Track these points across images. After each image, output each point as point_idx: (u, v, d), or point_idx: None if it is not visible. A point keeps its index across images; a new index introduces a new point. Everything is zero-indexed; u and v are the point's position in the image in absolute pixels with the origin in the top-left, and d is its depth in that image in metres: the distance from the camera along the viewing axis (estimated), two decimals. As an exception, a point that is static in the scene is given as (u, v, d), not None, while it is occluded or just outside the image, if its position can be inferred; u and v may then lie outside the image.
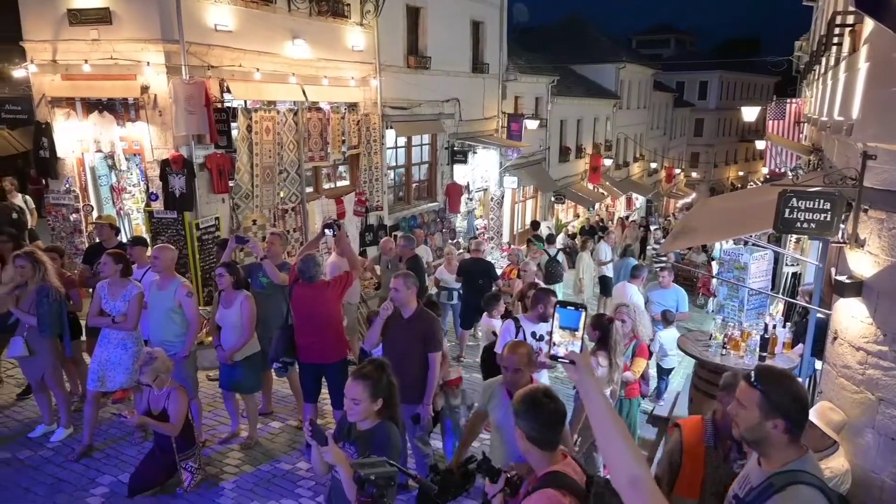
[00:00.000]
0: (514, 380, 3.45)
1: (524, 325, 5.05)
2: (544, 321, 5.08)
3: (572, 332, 1.59)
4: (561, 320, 1.60)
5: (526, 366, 3.48)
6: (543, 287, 6.24)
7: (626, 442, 1.60)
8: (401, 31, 12.46)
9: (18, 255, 4.99)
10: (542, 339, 5.04)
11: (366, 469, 2.32)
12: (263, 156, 8.87)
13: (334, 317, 5.06)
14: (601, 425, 1.60)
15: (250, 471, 5.04)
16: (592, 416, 1.62)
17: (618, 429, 1.60)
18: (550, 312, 5.07)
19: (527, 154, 17.90)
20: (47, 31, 7.98)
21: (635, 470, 1.58)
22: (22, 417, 5.76)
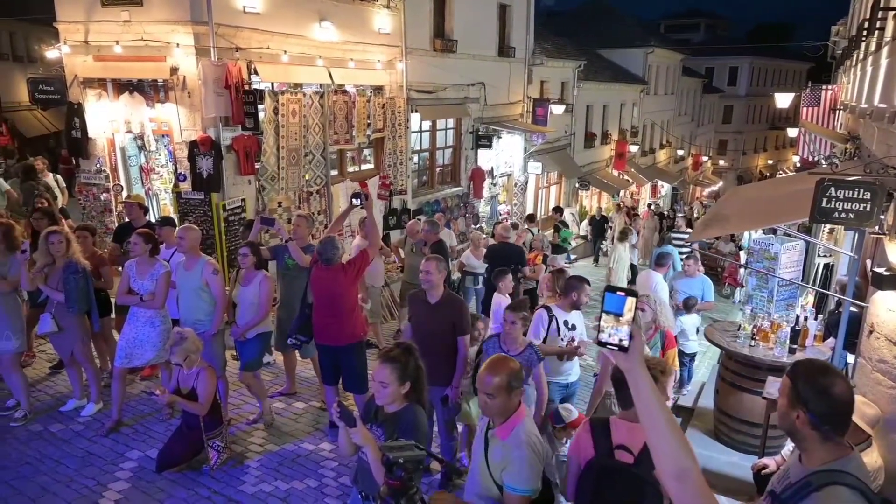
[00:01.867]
0: (486, 406, 2.71)
1: (556, 313, 5.00)
2: (576, 309, 5.03)
3: (617, 318, 1.55)
4: (606, 304, 1.56)
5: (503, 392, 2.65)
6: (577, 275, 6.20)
7: (675, 433, 1.57)
8: (427, 14, 12.35)
9: (49, 232, 5.08)
10: (574, 329, 5.01)
11: (394, 452, 2.33)
12: (289, 138, 8.89)
13: (349, 300, 5.00)
14: (650, 415, 1.57)
15: (274, 450, 5.11)
16: (641, 405, 1.59)
17: (667, 419, 1.57)
18: (584, 301, 5.02)
19: (552, 139, 17.72)
20: (80, 13, 8.06)
21: (684, 462, 1.55)
22: (54, 392, 5.91)
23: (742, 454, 5.36)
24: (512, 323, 4.27)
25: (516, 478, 2.57)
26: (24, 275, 4.94)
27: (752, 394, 5.23)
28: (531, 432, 2.68)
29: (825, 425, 1.87)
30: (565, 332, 4.96)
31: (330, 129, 9.75)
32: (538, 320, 4.95)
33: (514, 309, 4.36)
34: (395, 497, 2.37)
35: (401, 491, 2.35)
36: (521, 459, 2.57)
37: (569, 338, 4.97)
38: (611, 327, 1.56)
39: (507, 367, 2.71)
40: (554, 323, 4.94)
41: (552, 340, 4.90)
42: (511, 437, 2.64)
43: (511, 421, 2.68)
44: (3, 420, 5.26)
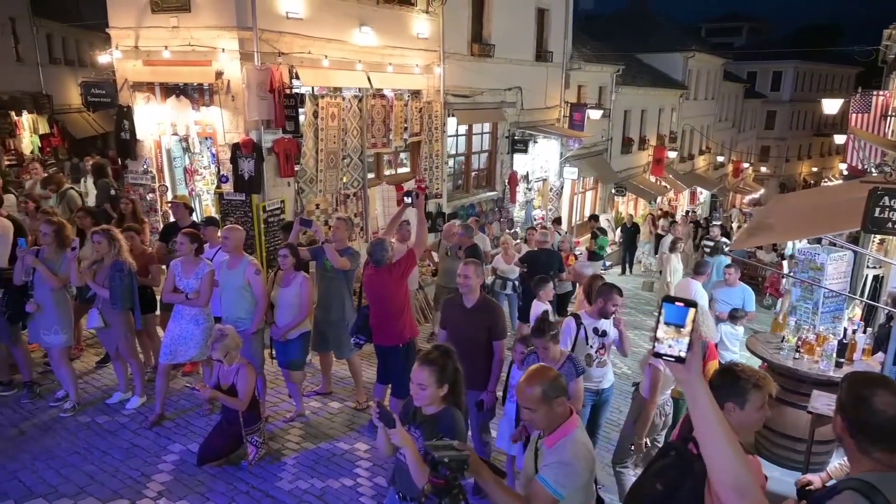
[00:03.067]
0: (531, 420, 2.69)
1: (585, 321, 4.96)
2: (605, 317, 4.98)
3: (678, 329, 1.54)
4: (666, 316, 1.55)
5: (542, 403, 2.60)
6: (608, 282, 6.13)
7: (734, 447, 1.55)
8: (465, 19, 12.39)
9: (96, 231, 5.26)
10: (604, 335, 4.96)
11: (439, 451, 2.34)
12: (328, 141, 9.03)
13: (395, 301, 5.06)
14: (708, 428, 1.55)
15: (311, 448, 5.18)
16: (698, 417, 1.57)
17: (726, 433, 1.55)
18: (612, 309, 4.96)
19: (588, 144, 17.56)
20: (131, 19, 8.34)
21: (743, 478, 1.53)
22: (100, 384, 6.10)
23: (784, 469, 5.22)
24: (545, 349, 4.17)
25: (551, 473, 2.52)
26: (74, 271, 5.13)
27: (795, 408, 5.09)
28: (581, 442, 2.62)
29: (860, 434, 1.82)
30: (594, 339, 4.92)
31: (368, 132, 9.86)
32: (566, 329, 4.92)
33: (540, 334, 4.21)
34: (439, 496, 2.38)
35: (444, 490, 2.37)
36: (563, 464, 2.53)
37: (598, 345, 4.93)
38: (669, 338, 1.55)
39: (543, 377, 2.65)
40: (582, 331, 4.91)
41: (580, 348, 4.87)
42: (559, 445, 2.59)
43: (560, 430, 2.63)
44: (53, 410, 5.46)
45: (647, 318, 11.49)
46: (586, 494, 2.66)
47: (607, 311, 4.93)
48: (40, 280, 5.03)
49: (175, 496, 4.37)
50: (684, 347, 1.54)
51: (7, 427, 5.14)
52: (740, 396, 2.38)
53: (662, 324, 1.56)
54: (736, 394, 2.39)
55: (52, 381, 5.89)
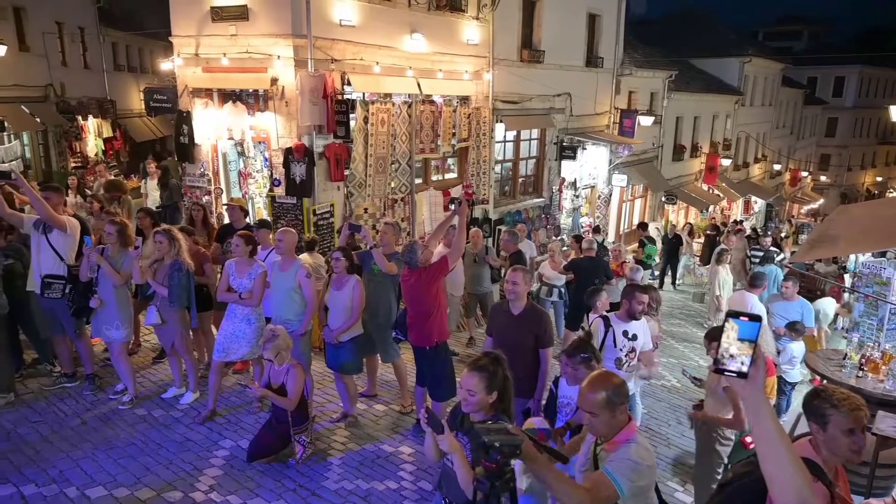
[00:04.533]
0: (591, 424, 2.66)
1: (614, 323, 4.88)
2: (633, 318, 4.87)
3: (750, 345, 1.51)
4: (740, 332, 1.51)
5: (605, 409, 2.58)
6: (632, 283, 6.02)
7: (797, 466, 1.50)
8: (515, 25, 12.38)
9: (158, 231, 5.47)
10: (634, 339, 4.85)
11: (491, 435, 2.33)
12: (377, 146, 9.15)
13: (423, 303, 5.12)
14: (769, 445, 1.51)
15: (356, 449, 5.24)
16: (760, 434, 1.53)
17: (789, 450, 1.50)
18: (637, 308, 4.84)
19: (638, 151, 17.27)
20: (192, 28, 8.67)
21: (808, 498, 1.48)
22: (156, 379, 6.32)
23: (845, 493, 4.97)
24: (574, 369, 3.98)
25: (615, 466, 2.50)
26: (136, 269, 5.34)
27: (858, 428, 4.84)
28: (644, 446, 2.60)
29: None
30: (623, 342, 4.83)
31: (416, 138, 9.96)
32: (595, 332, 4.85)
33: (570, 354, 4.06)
34: (490, 480, 2.37)
35: (496, 474, 2.36)
36: (628, 460, 2.51)
37: (627, 348, 4.83)
38: (732, 354, 1.51)
39: (608, 383, 2.61)
40: (611, 333, 4.82)
41: (608, 351, 4.79)
42: (622, 449, 2.57)
43: (621, 435, 2.61)
44: (112, 403, 5.68)
45: (698, 330, 11.18)
46: (647, 500, 2.63)
47: (633, 310, 4.83)
48: (104, 277, 5.26)
49: (225, 490, 4.48)
50: (747, 362, 1.50)
51: (71, 417, 5.38)
52: (820, 417, 2.35)
53: (736, 339, 1.52)
54: (815, 413, 2.37)
55: (111, 375, 6.13)
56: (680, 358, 9.49)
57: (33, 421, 5.26)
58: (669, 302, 13.37)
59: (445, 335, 5.33)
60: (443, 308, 5.27)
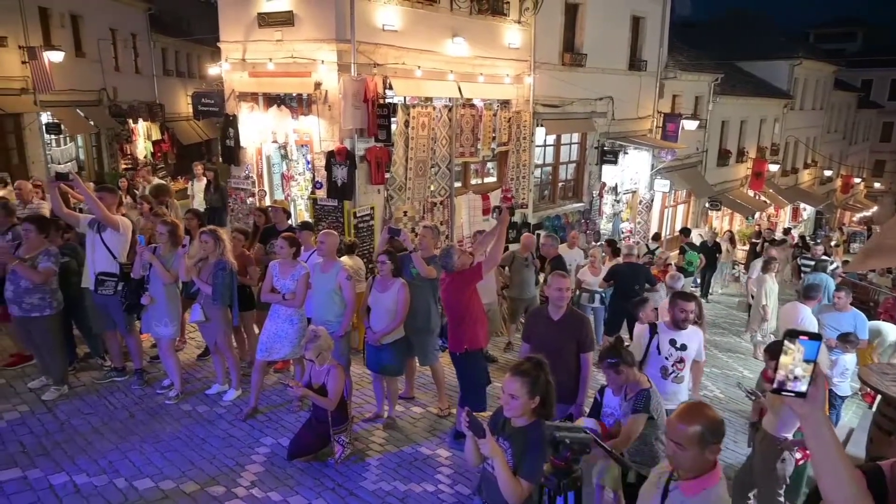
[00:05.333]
0: (675, 456, 2.39)
1: (661, 331, 4.78)
2: (679, 327, 4.76)
3: (811, 364, 1.47)
4: (806, 353, 1.47)
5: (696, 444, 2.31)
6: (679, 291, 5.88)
7: (856, 486, 1.45)
8: (557, 28, 12.30)
9: (204, 231, 5.62)
10: (683, 349, 4.74)
11: (562, 432, 2.33)
12: (418, 150, 9.21)
13: (455, 308, 5.15)
14: (828, 465, 1.47)
15: (393, 451, 5.26)
16: (819, 454, 1.49)
17: (847, 470, 1.46)
18: (681, 316, 4.72)
19: (682, 156, 16.92)
20: (240, 33, 8.90)
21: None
22: (201, 376, 6.48)
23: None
24: (605, 374, 3.93)
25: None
26: (183, 267, 5.49)
27: (915, 446, 4.64)
28: (724, 499, 2.37)
29: None
30: (670, 350, 4.72)
31: (456, 141, 9.98)
32: (638, 337, 4.76)
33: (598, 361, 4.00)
34: (558, 477, 2.39)
35: (564, 471, 2.36)
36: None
37: (675, 358, 4.72)
38: (790, 373, 1.47)
39: (704, 417, 2.33)
40: (656, 340, 4.72)
41: (652, 358, 4.69)
42: (700, 497, 2.34)
43: (702, 480, 2.35)
44: (159, 397, 5.85)
45: (741, 341, 10.88)
46: None
47: (677, 318, 4.72)
48: (155, 275, 5.43)
49: (266, 487, 4.56)
50: (806, 381, 1.45)
51: (120, 410, 5.57)
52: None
53: (801, 361, 1.48)
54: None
55: (158, 370, 6.32)
56: (724, 368, 9.25)
57: (85, 413, 5.46)
58: (712, 310, 13.05)
59: (478, 343, 5.24)
60: (476, 316, 5.21)
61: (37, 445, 4.88)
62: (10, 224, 5.97)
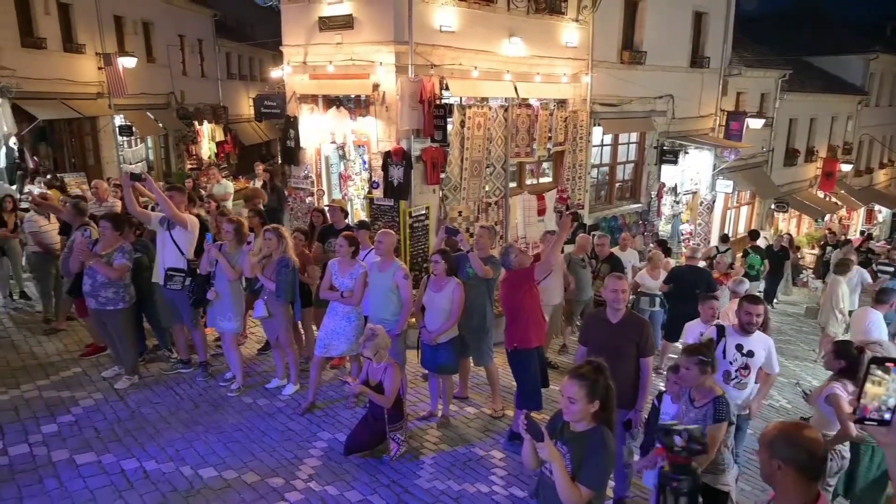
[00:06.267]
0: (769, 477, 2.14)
1: (728, 334, 4.62)
2: (746, 332, 4.57)
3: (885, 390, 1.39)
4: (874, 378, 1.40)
5: None
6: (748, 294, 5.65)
7: None
8: (616, 26, 12.07)
9: (268, 229, 5.78)
10: (750, 356, 4.56)
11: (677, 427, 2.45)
12: (473, 150, 9.21)
13: (509, 306, 5.22)
14: None
15: (447, 451, 5.28)
16: None
17: None
18: (746, 319, 4.54)
19: (746, 156, 16.29)
20: (301, 37, 9.12)
21: None
22: (261, 370, 6.67)
23: None
24: (686, 369, 3.78)
25: None
26: (247, 264, 5.67)
27: None
28: None
29: None
30: (735, 355, 4.56)
31: (512, 141, 9.93)
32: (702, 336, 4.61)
33: (689, 353, 3.87)
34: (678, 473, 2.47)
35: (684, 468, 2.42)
36: None
37: (740, 364, 4.54)
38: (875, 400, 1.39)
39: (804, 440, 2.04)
40: (722, 344, 4.57)
41: (717, 363, 4.51)
42: None
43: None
44: (222, 390, 6.06)
45: (808, 348, 10.40)
46: None
47: (743, 322, 4.55)
48: (221, 271, 5.63)
49: (324, 481, 4.65)
50: (891, 409, 1.37)
51: (186, 400, 5.80)
52: None
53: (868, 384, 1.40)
54: None
55: (221, 363, 6.54)
56: (790, 377, 8.86)
57: (154, 402, 5.71)
58: (776, 318, 12.50)
59: (528, 343, 5.20)
60: (529, 316, 5.18)
61: (110, 432, 5.14)
62: (81, 223, 6.32)
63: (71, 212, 6.53)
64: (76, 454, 4.76)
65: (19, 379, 6.00)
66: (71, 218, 6.48)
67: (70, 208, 6.61)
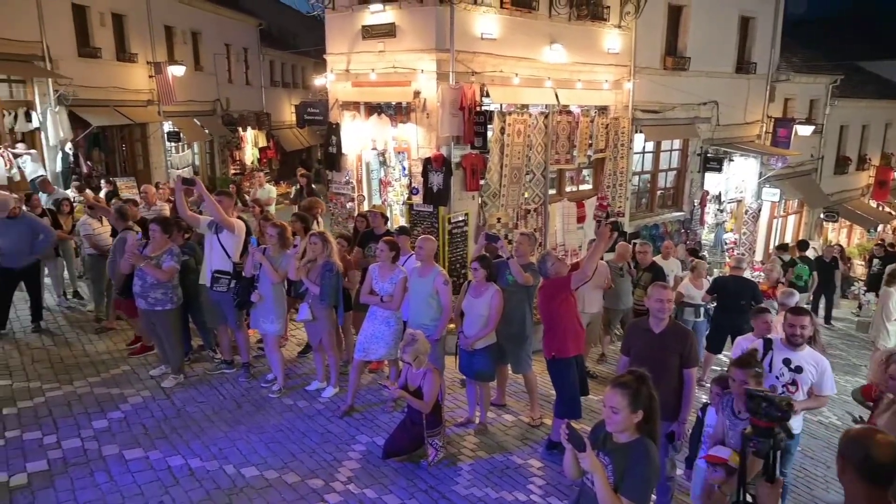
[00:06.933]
0: None
1: (776, 348, 4.48)
2: (794, 345, 4.43)
3: None
4: None
5: None
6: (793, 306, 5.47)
7: None
8: (659, 32, 11.90)
9: (314, 234, 5.89)
10: (798, 371, 4.41)
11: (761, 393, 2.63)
12: (513, 157, 9.19)
13: (546, 313, 5.22)
14: None
15: (485, 458, 5.26)
16: None
17: None
18: (793, 331, 4.41)
19: (794, 164, 15.83)
20: (344, 46, 9.28)
21: None
22: (301, 372, 6.77)
23: None
24: (742, 382, 3.71)
25: None
26: (293, 267, 5.78)
27: None
28: None
29: None
30: (782, 370, 4.41)
31: (552, 148, 9.87)
32: None
33: (742, 366, 3.79)
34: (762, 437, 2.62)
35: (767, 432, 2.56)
36: None
37: (787, 379, 4.40)
38: None
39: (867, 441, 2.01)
40: (769, 357, 4.43)
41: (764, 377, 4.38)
42: None
43: None
44: (263, 391, 6.17)
45: (860, 362, 10.01)
46: None
47: (788, 334, 4.41)
48: (265, 274, 5.76)
49: (362, 483, 4.69)
50: None
51: (229, 400, 5.93)
52: None
53: None
54: None
55: (262, 365, 6.68)
56: (841, 393, 8.52)
57: (199, 401, 5.86)
58: (827, 332, 12.07)
59: (565, 353, 5.16)
60: (566, 325, 5.14)
61: (157, 428, 5.30)
62: (124, 226, 6.54)
63: (114, 216, 6.77)
64: (125, 449, 4.92)
65: (72, 375, 6.25)
66: (114, 222, 6.72)
67: (113, 213, 6.86)
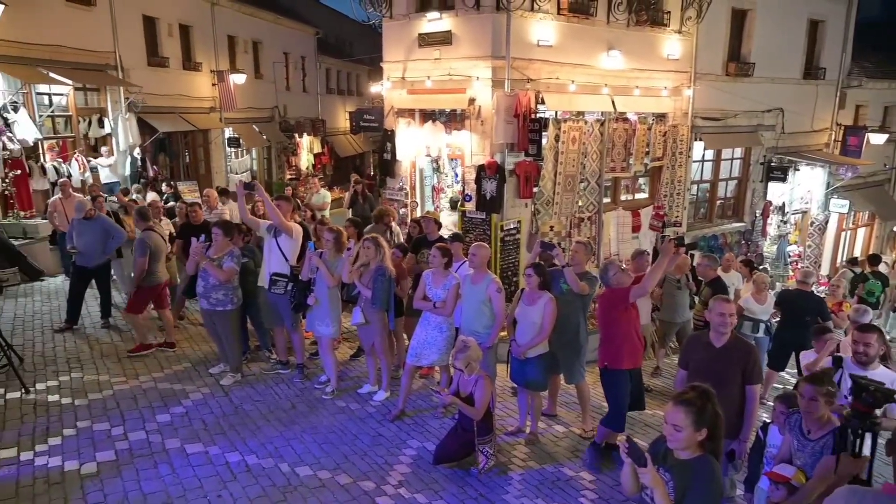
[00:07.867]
0: None
1: (846, 367, 4.27)
2: (861, 364, 4.22)
3: None
4: None
5: None
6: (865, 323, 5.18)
7: None
8: (722, 37, 11.58)
9: (367, 238, 5.97)
10: None
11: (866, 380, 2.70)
12: (567, 164, 9.09)
13: (604, 322, 5.20)
14: None
15: (535, 468, 5.19)
16: None
17: None
18: (861, 350, 4.26)
19: (865, 174, 15.09)
20: (401, 54, 9.41)
21: None
22: (353, 375, 6.87)
23: None
24: (811, 399, 3.52)
25: None
26: (346, 271, 5.87)
27: None
28: None
29: None
30: None
31: (607, 156, 9.72)
32: None
33: (814, 382, 3.60)
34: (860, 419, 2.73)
35: (865, 415, 2.66)
36: None
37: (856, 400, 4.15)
38: None
39: None
40: (839, 376, 4.22)
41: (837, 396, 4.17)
42: None
43: None
44: (317, 392, 6.28)
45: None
46: None
47: (857, 352, 4.19)
48: (321, 278, 5.87)
49: (413, 488, 4.71)
50: None
51: (284, 400, 6.07)
52: None
53: None
54: None
55: (316, 366, 6.80)
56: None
57: (255, 400, 6.02)
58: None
59: (619, 363, 5.10)
60: (623, 336, 5.08)
61: (216, 425, 5.47)
62: (145, 227, 6.80)
63: (135, 217, 7.06)
64: (186, 444, 5.10)
65: (137, 370, 6.52)
66: (136, 222, 7.03)
67: (134, 214, 7.16)
